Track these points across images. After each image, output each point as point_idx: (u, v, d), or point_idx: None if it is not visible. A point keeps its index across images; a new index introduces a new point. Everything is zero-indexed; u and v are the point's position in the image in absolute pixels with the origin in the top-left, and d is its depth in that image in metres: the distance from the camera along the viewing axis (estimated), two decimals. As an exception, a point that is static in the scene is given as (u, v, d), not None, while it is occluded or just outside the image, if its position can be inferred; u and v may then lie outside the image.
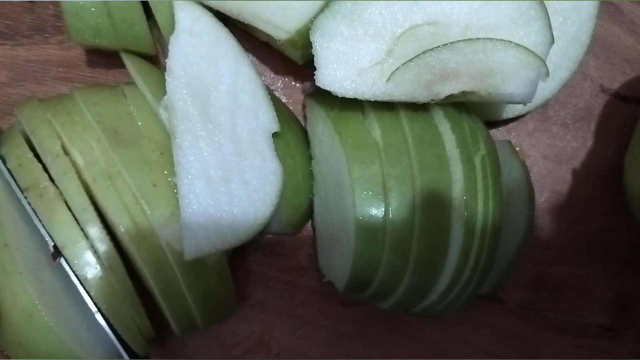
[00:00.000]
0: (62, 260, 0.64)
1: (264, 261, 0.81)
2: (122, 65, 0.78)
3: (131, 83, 0.72)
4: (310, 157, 0.76)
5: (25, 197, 0.65)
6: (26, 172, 0.65)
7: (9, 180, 0.67)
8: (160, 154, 0.66)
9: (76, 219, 0.64)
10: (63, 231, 0.63)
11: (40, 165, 0.65)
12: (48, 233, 0.64)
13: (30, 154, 0.66)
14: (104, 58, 0.80)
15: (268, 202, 0.67)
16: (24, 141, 0.67)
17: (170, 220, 0.64)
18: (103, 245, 0.63)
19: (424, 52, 0.64)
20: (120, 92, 0.70)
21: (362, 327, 0.82)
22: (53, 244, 0.64)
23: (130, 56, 0.72)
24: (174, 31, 0.66)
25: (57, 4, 0.79)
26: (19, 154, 0.66)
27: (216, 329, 0.80)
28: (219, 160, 0.65)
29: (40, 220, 0.65)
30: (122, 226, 0.63)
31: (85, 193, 0.64)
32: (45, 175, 0.65)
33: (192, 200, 0.64)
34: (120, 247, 0.66)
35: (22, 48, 0.79)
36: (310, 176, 0.75)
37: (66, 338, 0.64)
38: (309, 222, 0.80)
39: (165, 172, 0.65)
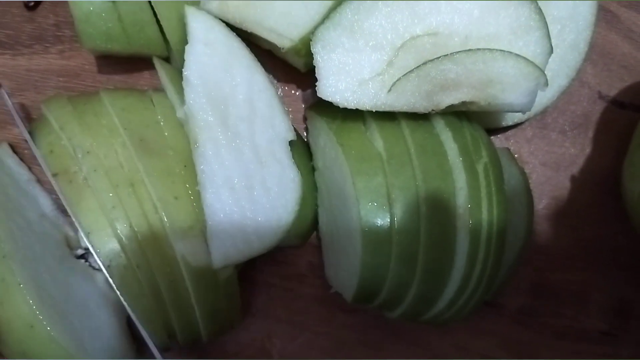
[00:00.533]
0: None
1: (264, 269, 0.81)
2: (123, 75, 0.79)
3: (159, 90, 0.72)
4: (313, 169, 0.76)
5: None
6: (57, 157, 0.66)
7: (13, 181, 0.68)
8: (184, 166, 0.66)
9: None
10: (90, 217, 0.64)
11: (71, 151, 0.65)
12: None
13: (63, 142, 0.66)
14: (105, 67, 0.80)
15: (289, 209, 0.68)
16: (57, 129, 0.67)
17: (187, 234, 0.64)
18: (132, 242, 0.63)
19: (424, 63, 0.65)
20: (148, 98, 0.70)
21: (363, 334, 0.82)
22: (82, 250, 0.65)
23: (164, 63, 0.72)
24: (189, 41, 0.67)
25: (57, 14, 0.80)
26: (51, 140, 0.67)
27: (218, 339, 0.80)
28: (240, 168, 0.66)
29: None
30: (139, 235, 0.63)
31: (115, 190, 0.64)
32: (76, 161, 0.65)
33: (218, 208, 0.64)
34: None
35: (22, 58, 0.79)
36: (314, 187, 0.75)
37: (69, 346, 0.64)
38: (311, 230, 0.80)
39: (187, 186, 0.66)
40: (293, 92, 0.82)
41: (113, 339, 0.68)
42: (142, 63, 0.79)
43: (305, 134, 0.80)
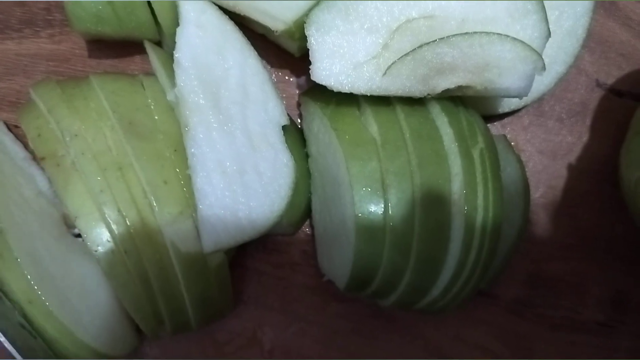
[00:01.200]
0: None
1: (257, 257, 0.80)
2: (114, 59, 0.78)
3: (150, 74, 0.71)
4: (306, 155, 0.75)
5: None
6: (44, 141, 0.65)
7: (10, 159, 0.68)
8: (174, 150, 0.66)
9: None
10: (77, 201, 0.63)
11: (59, 135, 0.65)
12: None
13: (51, 125, 0.65)
14: (96, 51, 0.79)
15: (282, 194, 0.67)
16: (45, 113, 0.66)
17: (177, 219, 0.64)
18: (120, 227, 0.63)
19: (420, 46, 0.64)
20: (138, 82, 0.70)
21: (356, 323, 0.81)
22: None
23: (155, 47, 0.72)
24: (181, 23, 0.66)
25: (47, -3, 0.79)
26: (38, 124, 0.66)
27: (208, 325, 0.79)
28: (232, 152, 0.65)
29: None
30: (127, 220, 0.63)
31: (103, 174, 0.63)
32: (64, 145, 0.64)
33: (208, 192, 0.64)
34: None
35: (12, 42, 0.78)
36: (308, 174, 0.75)
37: (68, 323, 0.63)
38: (304, 219, 0.80)
39: (177, 170, 0.65)
40: (287, 77, 0.81)
41: (112, 317, 0.67)
42: (134, 47, 0.78)
43: (299, 120, 0.80)
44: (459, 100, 0.70)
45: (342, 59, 0.65)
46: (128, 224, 0.63)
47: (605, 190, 0.83)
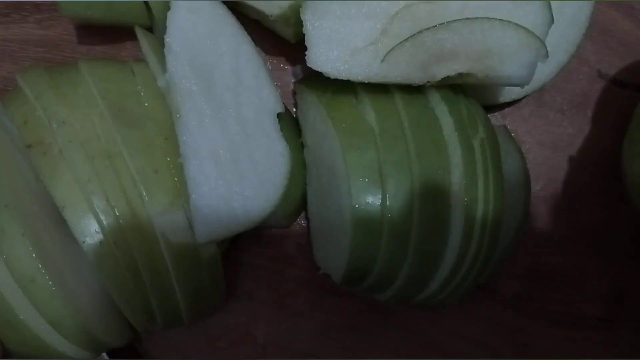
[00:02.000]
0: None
1: (251, 250, 0.80)
2: (104, 45, 0.77)
3: (141, 60, 0.70)
4: (302, 145, 0.74)
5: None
6: (31, 128, 0.63)
7: (11, 140, 0.66)
8: (165, 138, 0.64)
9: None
10: (64, 190, 0.61)
11: (46, 122, 0.63)
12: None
13: (38, 112, 0.64)
14: (85, 37, 0.78)
15: (278, 184, 0.66)
16: (31, 100, 0.65)
17: (168, 210, 0.62)
18: (108, 217, 0.61)
19: (420, 32, 0.63)
20: (129, 68, 0.68)
21: (352, 318, 0.80)
22: None
23: (146, 33, 0.70)
24: (172, 7, 0.64)
25: (35, -19, 0.77)
26: (25, 111, 0.64)
27: (200, 320, 0.78)
28: (226, 140, 0.64)
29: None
30: (117, 210, 0.61)
31: (91, 163, 0.62)
32: (51, 132, 0.63)
33: (202, 181, 0.62)
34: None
35: (-1, 27, 0.77)
36: (303, 165, 0.74)
37: (69, 306, 0.62)
38: (300, 211, 0.79)
39: (169, 159, 0.64)
40: (282, 65, 0.80)
41: (105, 309, 0.66)
42: (125, 33, 0.77)
43: (294, 109, 0.79)
44: (459, 88, 0.69)
45: (339, 44, 0.63)
46: (117, 214, 0.61)
47: (607, 183, 0.82)
